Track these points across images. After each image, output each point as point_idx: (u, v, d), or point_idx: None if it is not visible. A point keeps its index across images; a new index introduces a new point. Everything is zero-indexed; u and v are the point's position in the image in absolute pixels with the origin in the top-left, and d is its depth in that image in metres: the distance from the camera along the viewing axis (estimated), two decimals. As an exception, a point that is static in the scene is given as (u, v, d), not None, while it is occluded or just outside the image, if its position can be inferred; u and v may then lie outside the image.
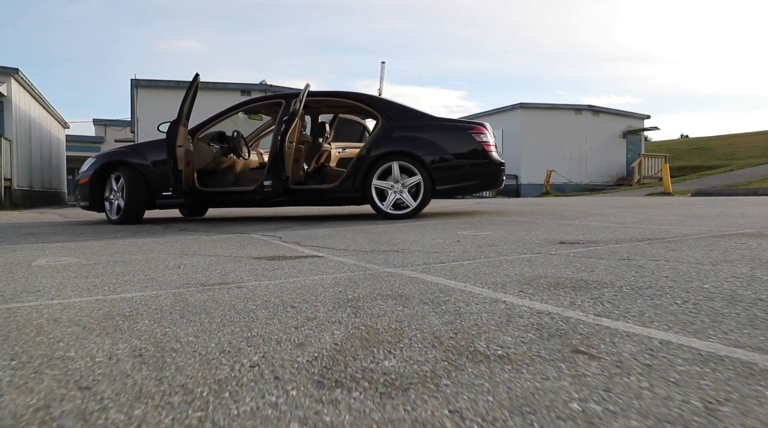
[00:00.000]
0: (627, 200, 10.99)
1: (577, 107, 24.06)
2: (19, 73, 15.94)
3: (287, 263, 2.55)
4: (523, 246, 2.95)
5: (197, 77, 5.49)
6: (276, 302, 1.69)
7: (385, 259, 2.61)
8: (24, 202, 16.75)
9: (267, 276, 2.18)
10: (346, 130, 8.60)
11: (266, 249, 3.19)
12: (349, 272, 2.25)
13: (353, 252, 2.93)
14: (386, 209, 5.57)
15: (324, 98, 6.44)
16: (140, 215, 6.10)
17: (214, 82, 18.13)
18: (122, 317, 1.55)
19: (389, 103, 6.06)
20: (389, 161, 5.59)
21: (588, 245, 2.91)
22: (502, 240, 3.28)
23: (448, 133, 5.84)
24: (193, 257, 2.90)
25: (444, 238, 3.52)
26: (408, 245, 3.19)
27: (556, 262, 2.34)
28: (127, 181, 5.96)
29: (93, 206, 6.34)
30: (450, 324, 1.37)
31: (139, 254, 3.09)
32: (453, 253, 2.76)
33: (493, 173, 5.89)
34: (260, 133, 7.77)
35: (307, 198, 5.97)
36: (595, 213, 5.85)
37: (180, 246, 3.46)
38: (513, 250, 2.80)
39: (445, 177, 5.68)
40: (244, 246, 3.38)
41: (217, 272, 2.34)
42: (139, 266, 2.58)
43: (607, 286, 1.79)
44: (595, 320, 1.38)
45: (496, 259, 2.49)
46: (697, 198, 11.49)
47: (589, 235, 3.48)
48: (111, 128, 36.54)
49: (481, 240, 3.32)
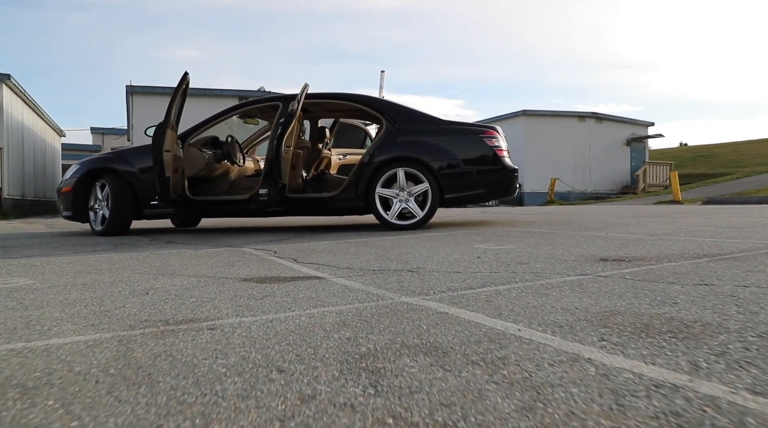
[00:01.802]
0: (639, 208, 10.56)
1: (580, 114, 23.70)
2: (11, 80, 15.53)
3: (280, 288, 2.11)
4: (559, 265, 2.50)
5: (186, 76, 5.06)
6: (257, 359, 1.22)
7: (399, 282, 2.17)
8: (16, 211, 16.30)
9: (252, 310, 1.72)
10: (348, 135, 8.17)
11: (257, 267, 2.75)
12: (357, 302, 1.80)
13: (359, 272, 2.49)
14: (391, 220, 5.13)
15: (324, 101, 6.01)
16: (126, 226, 5.65)
17: (211, 89, 17.73)
18: (20, 389, 1.06)
19: (394, 106, 5.64)
20: (394, 167, 5.16)
21: (638, 264, 2.46)
22: (531, 256, 2.84)
23: (457, 137, 5.41)
24: (170, 278, 2.45)
25: (461, 253, 3.08)
26: (422, 262, 2.75)
27: (616, 288, 1.89)
28: (113, 189, 5.52)
29: (76, 216, 5.90)
30: (529, 411, 0.89)
31: (108, 273, 2.64)
32: (479, 274, 2.32)
33: (506, 180, 5.46)
34: (257, 138, 7.34)
35: (305, 208, 5.53)
36: (615, 223, 5.42)
37: (159, 263, 3.01)
38: (550, 270, 2.36)
39: (454, 185, 5.25)
40: (232, 263, 2.94)
41: (190, 301, 1.89)
42: (101, 291, 2.14)
43: (720, 331, 1.31)
44: (756, 401, 0.90)
45: (538, 283, 2.04)
46: (710, 207, 11.06)
47: (629, 250, 3.04)
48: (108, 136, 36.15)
49: (506, 256, 2.88)
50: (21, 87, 16.62)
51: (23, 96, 17.34)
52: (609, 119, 24.34)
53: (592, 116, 23.76)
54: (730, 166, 27.54)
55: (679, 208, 10.42)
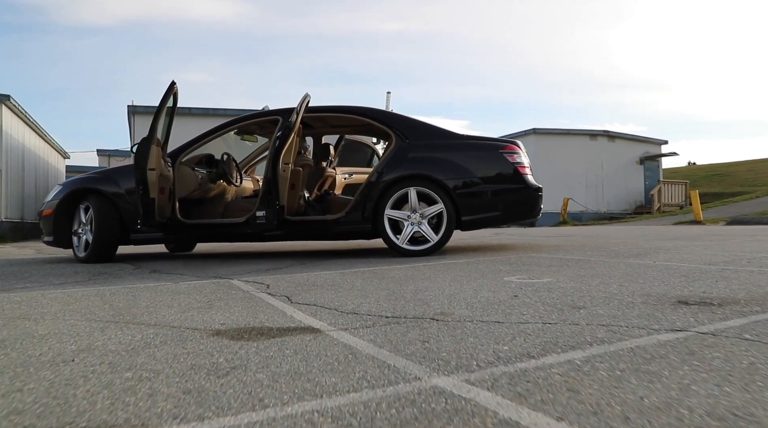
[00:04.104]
0: (663, 229, 9.93)
1: (592, 132, 23.17)
2: (11, 100, 15.21)
3: (258, 353, 1.55)
4: (629, 310, 1.93)
5: (174, 86, 4.56)
6: None
7: (424, 341, 1.60)
8: (14, 234, 15.86)
9: (202, 403, 1.14)
10: (354, 153, 7.66)
11: (240, 311, 2.19)
12: (366, 386, 1.22)
13: (367, 319, 1.93)
14: (402, 245, 4.57)
15: (327, 114, 5.50)
16: (111, 252, 5.12)
17: (215, 109, 17.37)
18: None
19: (404, 119, 5.11)
20: (405, 186, 4.62)
21: (737, 310, 1.88)
22: (582, 295, 2.27)
23: (475, 153, 4.88)
24: (123, 328, 1.90)
25: (491, 289, 2.51)
26: (446, 302, 2.19)
27: (758, 363, 1.31)
28: (97, 212, 5.00)
29: (58, 242, 5.38)
30: None
31: (49, 321, 2.09)
32: (528, 325, 1.75)
33: (529, 200, 4.92)
34: (256, 156, 6.84)
35: (307, 231, 4.98)
36: (652, 248, 4.83)
37: (124, 303, 2.47)
38: (623, 319, 1.78)
39: (472, 205, 4.70)
40: (211, 304, 2.39)
41: (123, 379, 1.31)
42: (16, 352, 1.59)
43: None
44: None
45: (623, 347, 1.44)
46: (736, 227, 10.43)
47: (702, 287, 2.46)
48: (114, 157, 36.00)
49: (549, 294, 2.31)
50: (22, 108, 16.32)
51: (24, 117, 17.04)
52: (621, 137, 23.79)
53: (604, 134, 23.22)
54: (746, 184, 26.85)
55: (705, 229, 9.79)
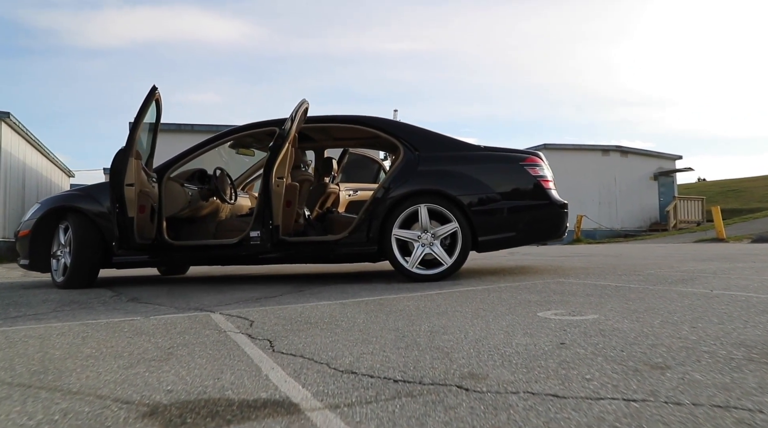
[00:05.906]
0: (688, 248, 9.34)
1: (604, 147, 22.62)
2: (11, 118, 14.94)
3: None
4: (735, 373, 1.39)
5: (155, 91, 4.10)
6: None
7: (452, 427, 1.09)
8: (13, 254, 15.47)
9: None
10: (358, 168, 7.18)
11: (202, 367, 1.68)
12: None
13: (368, 388, 1.41)
14: (411, 268, 4.05)
15: (329, 125, 5.03)
16: (91, 277, 4.63)
17: (218, 125, 16.99)
18: None
19: (413, 129, 4.62)
20: (415, 203, 4.11)
21: None
22: (652, 343, 1.73)
23: (492, 165, 4.37)
24: (30, 398, 1.39)
25: (527, 332, 1.98)
26: (473, 354, 1.67)
27: None
28: (76, 233, 4.53)
29: (34, 265, 4.89)
30: None
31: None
32: (602, 402, 1.22)
33: (553, 217, 4.37)
34: (254, 172, 6.38)
35: (306, 253, 4.46)
36: (692, 271, 4.28)
37: (61, 351, 1.96)
38: (741, 392, 1.25)
39: (489, 224, 4.18)
40: (171, 353, 1.87)
41: None
42: None
43: None
44: None
45: None
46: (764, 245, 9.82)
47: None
48: (120, 176, 35.82)
49: (604, 341, 1.78)
50: (22, 126, 16.04)
51: (25, 135, 16.76)
52: (634, 152, 23.22)
53: (617, 150, 22.67)
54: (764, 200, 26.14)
55: (734, 247, 9.19)
